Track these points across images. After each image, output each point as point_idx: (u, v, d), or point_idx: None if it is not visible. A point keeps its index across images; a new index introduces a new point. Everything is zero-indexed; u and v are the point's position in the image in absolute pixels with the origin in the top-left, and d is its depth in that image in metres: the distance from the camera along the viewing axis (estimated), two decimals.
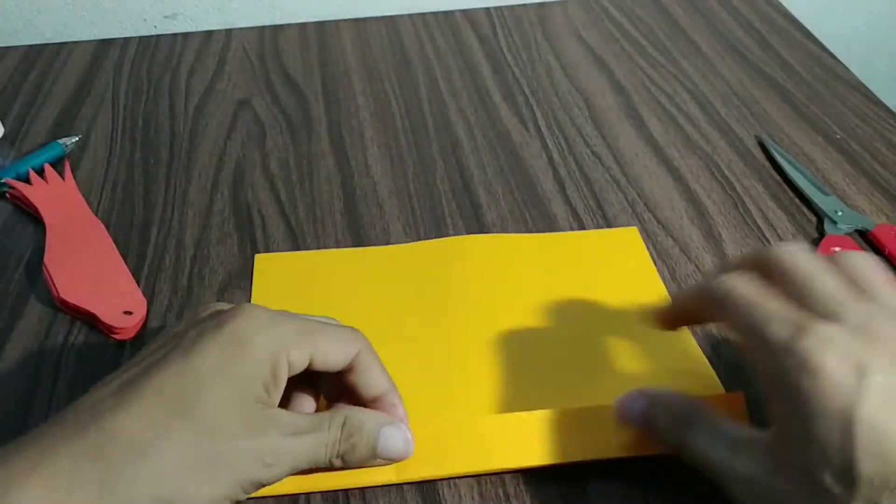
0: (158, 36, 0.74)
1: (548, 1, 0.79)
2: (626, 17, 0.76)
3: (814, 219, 0.52)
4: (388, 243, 0.50)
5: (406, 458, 0.36)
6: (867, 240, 0.50)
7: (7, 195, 0.54)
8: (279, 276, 0.47)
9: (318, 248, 0.50)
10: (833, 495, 0.27)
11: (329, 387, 0.37)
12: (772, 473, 0.29)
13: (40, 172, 0.55)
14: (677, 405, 0.34)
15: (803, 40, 0.72)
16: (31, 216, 0.53)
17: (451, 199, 0.54)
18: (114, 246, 0.49)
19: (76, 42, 0.74)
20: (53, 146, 0.58)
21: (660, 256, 0.49)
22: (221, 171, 0.57)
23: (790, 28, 0.74)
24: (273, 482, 0.32)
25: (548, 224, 0.51)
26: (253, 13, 0.78)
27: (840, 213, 0.51)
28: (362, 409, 0.35)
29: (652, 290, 0.46)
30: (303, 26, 0.75)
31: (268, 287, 0.47)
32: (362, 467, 0.35)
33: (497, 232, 0.51)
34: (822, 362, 0.27)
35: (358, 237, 0.51)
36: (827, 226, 0.50)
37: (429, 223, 0.52)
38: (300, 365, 0.33)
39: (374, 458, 0.35)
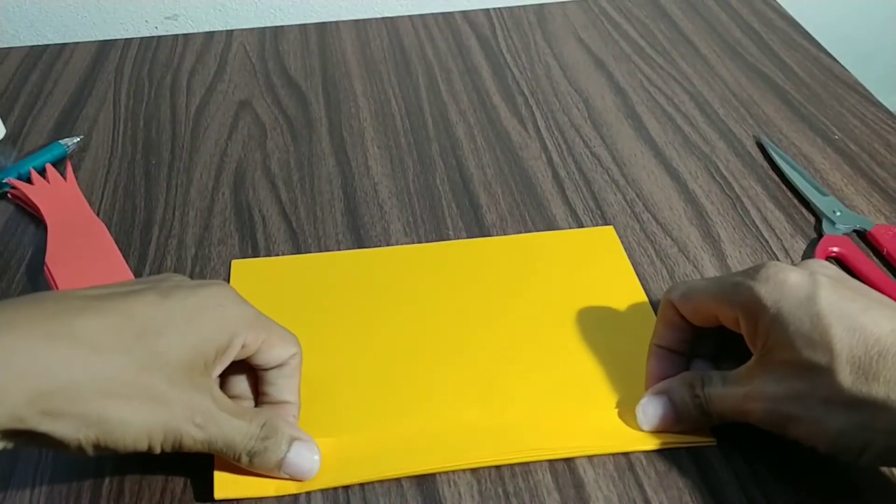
0: (159, 37, 0.75)
1: (547, 2, 0.79)
2: (625, 19, 0.76)
3: (812, 219, 0.52)
4: (388, 244, 0.50)
5: (308, 479, 0.36)
6: (865, 240, 0.50)
7: (9, 195, 0.55)
8: (256, 282, 0.47)
9: (319, 248, 0.50)
10: (821, 368, 0.32)
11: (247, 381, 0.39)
12: (769, 378, 0.34)
13: (42, 173, 0.55)
14: (686, 376, 0.38)
15: (801, 41, 0.72)
16: (33, 216, 0.53)
17: (451, 200, 0.54)
18: (115, 246, 0.50)
19: (77, 43, 0.74)
20: (55, 147, 0.58)
21: (658, 256, 0.49)
22: (222, 172, 0.57)
23: (788, 29, 0.74)
24: (189, 449, 0.33)
25: (547, 225, 0.52)
26: (254, 14, 0.79)
27: (838, 214, 0.51)
28: (282, 417, 0.37)
29: (629, 288, 0.47)
30: (303, 27, 0.76)
31: (245, 294, 0.46)
32: (261, 475, 0.36)
33: (497, 233, 0.51)
34: (783, 276, 0.34)
35: (358, 237, 0.51)
36: (825, 226, 0.50)
37: (429, 224, 0.52)
38: (250, 349, 0.35)
39: (278, 468, 0.35)
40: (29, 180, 0.54)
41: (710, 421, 0.37)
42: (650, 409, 0.38)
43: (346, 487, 0.37)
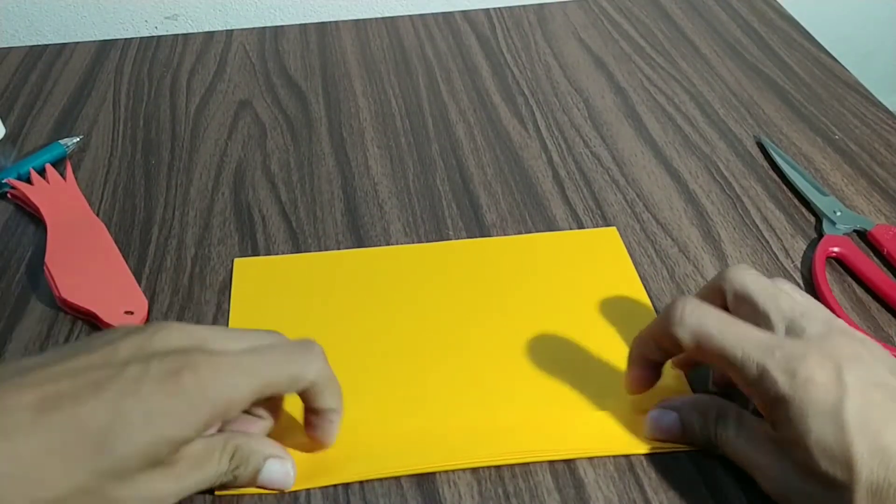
0: (159, 37, 0.75)
1: (547, 2, 0.79)
2: (625, 18, 0.76)
3: (812, 219, 0.52)
4: (388, 244, 0.50)
5: (286, 489, 0.36)
6: (865, 240, 0.50)
7: (8, 195, 0.55)
8: (259, 280, 0.48)
9: (319, 248, 0.50)
10: (838, 481, 0.31)
11: None
12: (784, 467, 0.33)
13: (42, 172, 0.55)
14: (705, 405, 0.37)
15: (802, 41, 0.72)
16: (33, 216, 0.53)
17: (451, 200, 0.54)
18: (115, 246, 0.50)
19: (77, 43, 0.74)
20: (55, 146, 0.58)
21: (658, 256, 0.49)
22: (222, 172, 0.57)
23: (789, 29, 0.74)
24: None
25: (547, 225, 0.52)
26: (253, 14, 0.79)
27: (838, 214, 0.51)
28: (254, 438, 0.36)
29: (631, 290, 0.47)
30: (303, 27, 0.76)
31: (247, 292, 0.47)
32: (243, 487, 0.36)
33: (497, 233, 0.51)
34: (810, 373, 0.32)
35: (358, 237, 0.51)
36: (825, 226, 0.50)
37: (429, 223, 0.52)
38: (241, 409, 0.33)
39: (255, 484, 0.36)
40: (29, 180, 0.54)
41: (715, 451, 0.37)
42: (660, 423, 0.37)
43: (347, 487, 0.37)
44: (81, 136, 0.60)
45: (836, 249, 0.48)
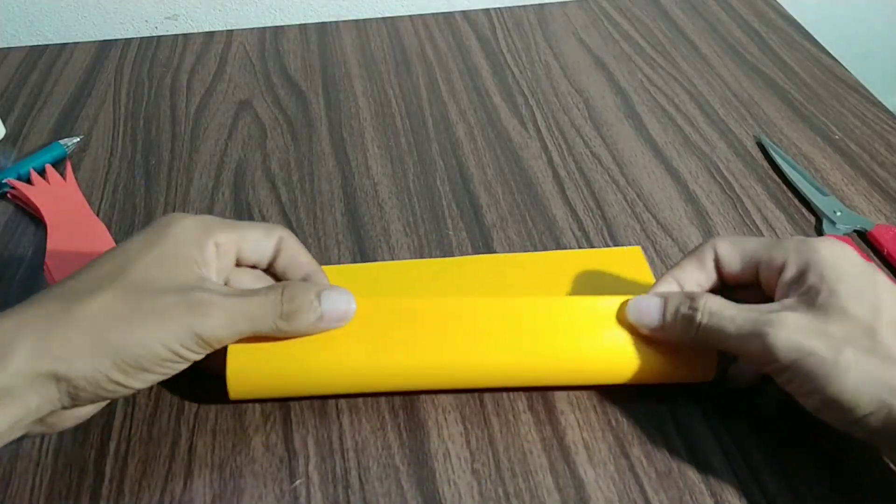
0: (159, 37, 0.75)
1: (547, 2, 0.79)
2: (626, 19, 0.76)
3: (812, 219, 0.52)
4: (388, 243, 0.50)
5: (349, 319, 0.38)
6: (866, 240, 0.50)
7: (8, 195, 0.55)
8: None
9: (319, 248, 0.50)
10: (861, 320, 0.32)
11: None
12: (802, 311, 0.33)
13: (42, 173, 0.55)
14: (689, 291, 0.38)
15: (802, 41, 0.72)
16: (33, 216, 0.53)
17: (451, 200, 0.54)
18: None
19: (77, 43, 0.74)
20: (55, 147, 0.58)
21: (659, 256, 0.49)
22: (223, 172, 0.57)
23: (789, 29, 0.74)
24: (216, 336, 0.34)
25: (547, 225, 0.52)
26: (254, 14, 0.79)
27: (839, 214, 0.51)
28: (300, 282, 0.38)
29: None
30: (303, 27, 0.76)
31: None
32: (309, 333, 0.37)
33: (497, 233, 0.51)
34: (847, 250, 0.35)
35: (358, 237, 0.51)
36: (826, 226, 0.50)
37: (429, 223, 0.52)
38: (228, 249, 0.37)
39: (319, 320, 0.37)
40: (29, 180, 0.54)
41: (694, 335, 0.36)
42: (640, 304, 0.38)
43: (347, 487, 0.37)
44: (81, 136, 0.60)
45: None
